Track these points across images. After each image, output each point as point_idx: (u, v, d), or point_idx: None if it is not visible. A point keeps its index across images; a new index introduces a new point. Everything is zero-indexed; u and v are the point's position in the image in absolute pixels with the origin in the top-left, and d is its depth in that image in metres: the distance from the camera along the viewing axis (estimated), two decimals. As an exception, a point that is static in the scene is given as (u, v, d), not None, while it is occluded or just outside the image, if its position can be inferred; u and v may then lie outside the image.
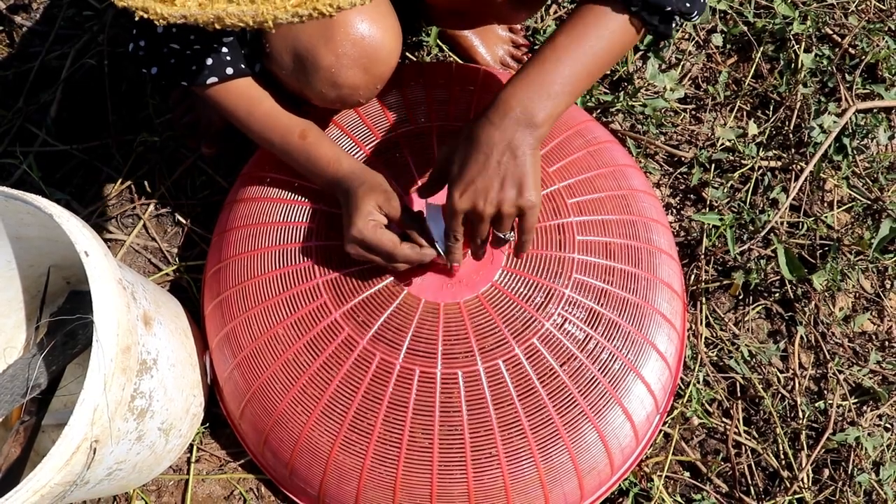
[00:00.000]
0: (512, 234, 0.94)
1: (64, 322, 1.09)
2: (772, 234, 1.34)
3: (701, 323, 1.29)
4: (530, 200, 0.89)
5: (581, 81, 0.90)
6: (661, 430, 1.21)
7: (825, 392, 1.28)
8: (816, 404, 1.26)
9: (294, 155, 1.06)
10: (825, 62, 1.49)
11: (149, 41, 0.99)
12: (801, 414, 1.25)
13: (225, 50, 1.01)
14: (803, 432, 1.23)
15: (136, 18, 0.60)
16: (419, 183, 1.10)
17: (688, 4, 0.88)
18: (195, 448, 1.20)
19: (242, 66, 1.03)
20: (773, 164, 1.41)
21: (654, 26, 0.90)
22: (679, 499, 1.19)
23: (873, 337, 1.33)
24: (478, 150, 0.89)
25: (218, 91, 1.04)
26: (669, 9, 0.87)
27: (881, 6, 1.58)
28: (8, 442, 1.04)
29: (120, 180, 1.38)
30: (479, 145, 0.89)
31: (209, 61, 1.00)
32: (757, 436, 1.24)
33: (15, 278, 1.15)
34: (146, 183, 1.38)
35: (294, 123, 1.06)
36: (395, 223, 1.00)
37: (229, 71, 1.02)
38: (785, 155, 1.42)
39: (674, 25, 0.91)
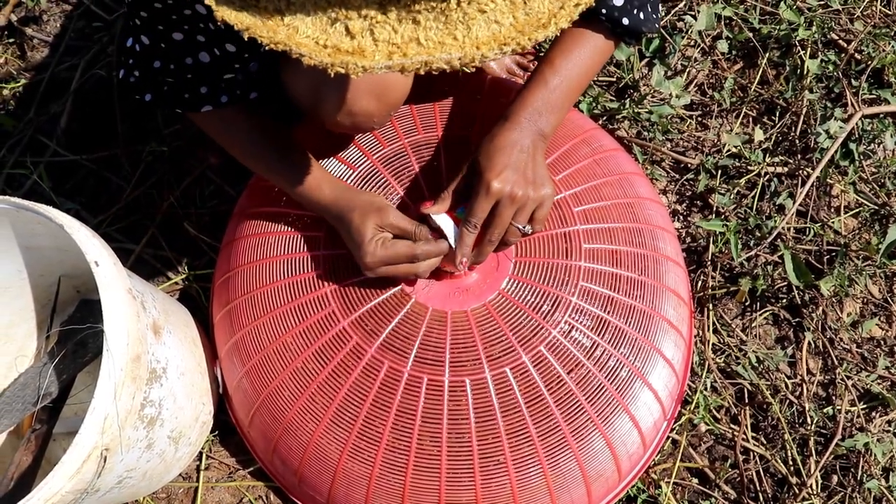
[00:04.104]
0: (529, 226, 0.99)
1: (74, 331, 1.09)
2: (779, 240, 1.34)
3: (708, 329, 1.29)
4: (550, 191, 0.99)
5: (575, 94, 1.04)
6: (668, 437, 1.21)
7: (833, 398, 1.28)
8: (825, 410, 1.26)
9: (274, 178, 1.07)
10: (831, 68, 1.49)
11: (144, 73, 0.99)
12: (809, 420, 1.24)
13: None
14: (812, 438, 1.23)
15: (332, 74, 0.60)
16: (427, 195, 1.10)
17: (656, 26, 1.04)
18: (204, 456, 1.21)
19: (238, 92, 1.02)
20: (779, 169, 1.41)
21: (629, 44, 1.07)
22: (687, 505, 1.20)
23: (882, 342, 1.33)
24: (503, 146, 0.97)
25: (208, 117, 1.05)
26: (645, 31, 1.02)
27: (887, 11, 1.58)
28: (19, 450, 1.05)
29: (129, 190, 1.39)
30: (504, 143, 0.98)
31: (203, 89, 1.00)
32: (765, 442, 1.24)
33: (26, 287, 1.16)
34: (155, 192, 1.39)
35: (277, 149, 1.06)
36: (399, 235, 1.01)
37: (224, 99, 1.02)
38: (791, 161, 1.42)
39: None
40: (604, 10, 0.98)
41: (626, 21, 0.99)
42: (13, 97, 1.49)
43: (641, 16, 1.00)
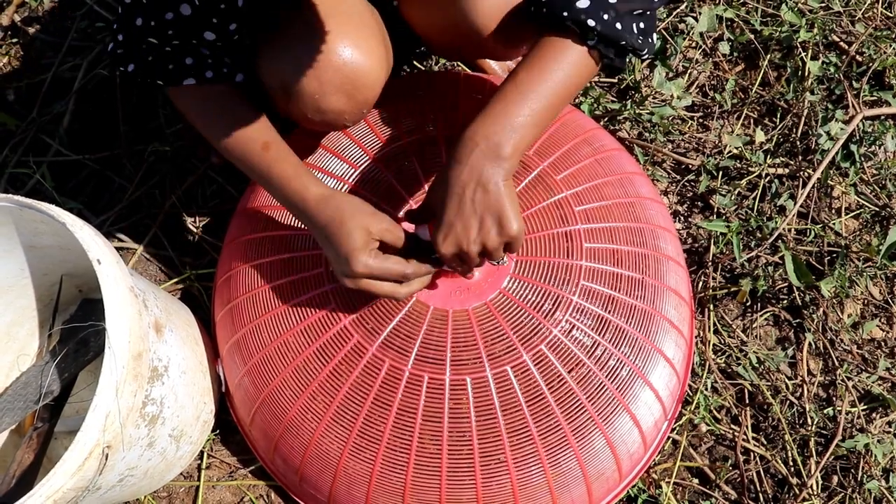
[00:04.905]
0: (505, 259, 0.95)
1: (76, 330, 1.10)
2: (779, 241, 1.34)
3: (709, 330, 1.29)
4: (512, 232, 0.90)
5: (544, 113, 0.91)
6: (669, 437, 1.21)
7: (834, 399, 1.28)
8: (825, 411, 1.26)
9: (255, 167, 1.00)
10: (832, 69, 1.49)
11: (127, 35, 0.95)
12: (809, 421, 1.25)
13: (206, 52, 0.98)
14: (812, 439, 1.23)
15: None
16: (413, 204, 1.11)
17: (640, 41, 0.91)
18: (206, 455, 1.21)
19: (224, 70, 0.99)
20: (780, 171, 1.41)
21: (609, 59, 0.92)
22: (688, 506, 1.20)
23: (882, 343, 1.33)
24: (451, 191, 0.89)
25: (190, 93, 0.99)
26: (623, 43, 0.90)
27: (888, 13, 1.58)
28: (21, 448, 1.05)
29: (131, 190, 1.40)
30: (452, 187, 0.89)
31: (189, 61, 0.97)
32: (765, 442, 1.24)
33: (28, 286, 1.16)
34: (157, 192, 1.40)
35: (259, 135, 1.00)
36: (389, 244, 0.97)
37: (209, 74, 0.98)
38: (792, 162, 1.42)
39: (627, 60, 0.94)
40: (566, 13, 0.88)
41: (592, 24, 0.87)
42: (16, 97, 1.50)
43: (618, 26, 0.89)
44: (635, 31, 0.91)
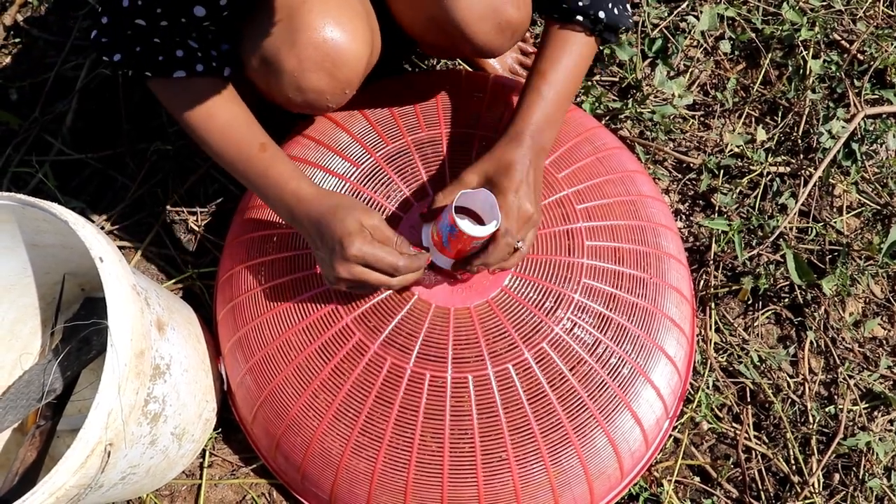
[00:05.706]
0: (523, 244, 1.00)
1: (79, 328, 1.10)
2: (781, 240, 1.34)
3: (710, 328, 1.29)
4: (539, 216, 1.01)
5: (569, 103, 1.05)
6: (670, 435, 1.22)
7: (835, 397, 1.28)
8: (827, 409, 1.26)
9: (250, 168, 0.99)
10: (833, 68, 1.49)
11: (112, 18, 0.92)
12: (811, 419, 1.25)
13: (194, 45, 0.96)
14: (814, 437, 1.23)
15: None
16: (430, 192, 1.11)
17: (631, 21, 1.06)
18: (208, 453, 1.21)
19: (214, 64, 0.98)
20: (781, 169, 1.41)
21: (609, 41, 1.07)
22: (689, 503, 1.20)
23: (884, 342, 1.33)
24: (516, 170, 0.98)
25: (181, 87, 0.97)
26: (622, 27, 1.05)
27: (889, 12, 1.58)
28: (24, 446, 1.05)
29: (133, 188, 1.40)
30: (516, 170, 0.98)
31: (179, 53, 0.95)
32: (767, 441, 1.24)
33: (31, 285, 1.16)
34: (159, 191, 1.40)
35: (255, 136, 0.99)
36: (379, 239, 0.94)
37: (199, 67, 0.96)
38: (794, 160, 1.42)
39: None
40: (580, 5, 1.00)
41: (602, 15, 1.01)
42: (19, 96, 1.50)
43: (616, 11, 1.02)
44: (624, 10, 1.04)
